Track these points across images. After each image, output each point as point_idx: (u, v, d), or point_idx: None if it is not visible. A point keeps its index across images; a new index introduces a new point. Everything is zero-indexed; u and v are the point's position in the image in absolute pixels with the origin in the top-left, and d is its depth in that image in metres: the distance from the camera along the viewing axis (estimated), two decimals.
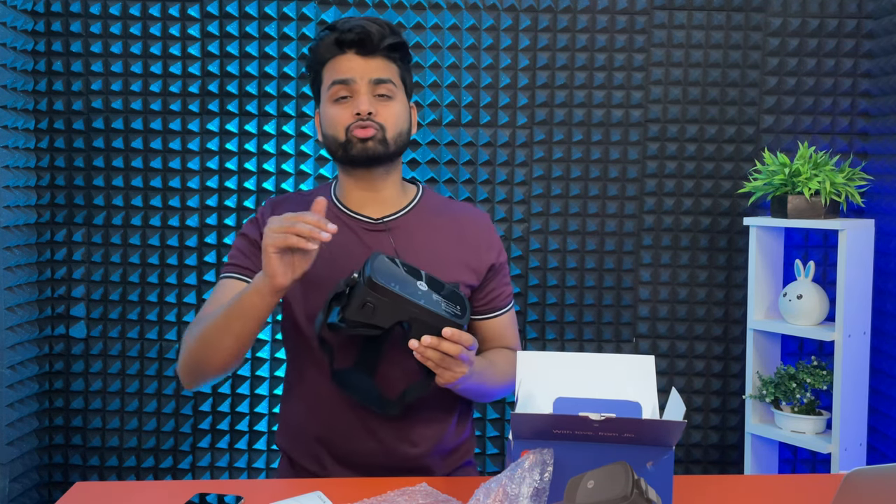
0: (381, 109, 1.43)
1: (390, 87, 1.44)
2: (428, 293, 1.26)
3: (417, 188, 1.56)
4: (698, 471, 2.46)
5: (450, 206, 1.57)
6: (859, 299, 2.15)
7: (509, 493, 0.98)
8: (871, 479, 0.85)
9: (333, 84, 1.43)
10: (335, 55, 1.44)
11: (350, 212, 1.49)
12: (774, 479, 1.71)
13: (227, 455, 2.43)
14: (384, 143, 1.43)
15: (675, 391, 1.12)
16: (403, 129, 1.46)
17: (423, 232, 1.48)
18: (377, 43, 1.43)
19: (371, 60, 1.43)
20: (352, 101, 1.42)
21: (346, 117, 1.42)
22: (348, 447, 1.45)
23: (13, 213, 2.23)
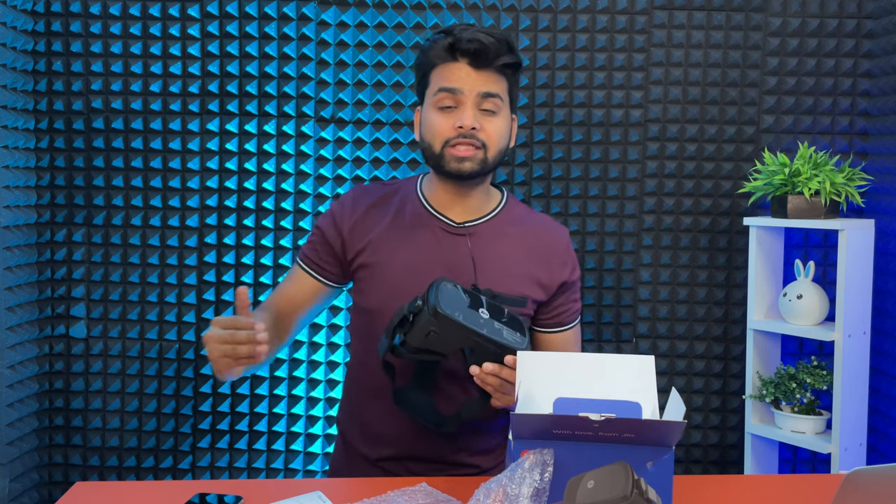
0: (486, 125, 1.41)
1: (497, 101, 1.42)
2: (490, 321, 1.27)
3: (502, 195, 1.57)
4: (698, 471, 2.46)
5: (530, 218, 1.57)
6: (859, 299, 2.15)
7: (509, 493, 0.98)
8: (871, 479, 0.85)
9: (440, 91, 1.41)
10: (447, 61, 1.42)
11: (434, 211, 1.50)
12: (774, 479, 1.71)
13: (227, 455, 2.43)
14: (483, 162, 1.42)
15: (675, 391, 1.12)
16: (503, 146, 1.46)
17: (500, 241, 1.49)
18: (492, 58, 1.40)
19: (482, 73, 1.41)
20: (456, 111, 1.41)
21: (447, 129, 1.41)
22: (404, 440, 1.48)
23: (13, 213, 2.23)
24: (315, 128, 2.38)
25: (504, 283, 1.43)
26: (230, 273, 2.39)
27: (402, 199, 1.53)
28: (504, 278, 1.44)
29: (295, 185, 2.39)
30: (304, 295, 1.57)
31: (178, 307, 2.40)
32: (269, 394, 2.42)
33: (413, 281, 1.41)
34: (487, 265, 1.45)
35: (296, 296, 1.58)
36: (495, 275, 1.43)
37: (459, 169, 1.42)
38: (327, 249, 1.54)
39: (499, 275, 1.43)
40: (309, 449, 2.43)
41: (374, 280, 1.47)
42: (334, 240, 1.53)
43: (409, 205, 1.52)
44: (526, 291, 1.47)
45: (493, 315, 1.29)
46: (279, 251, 2.39)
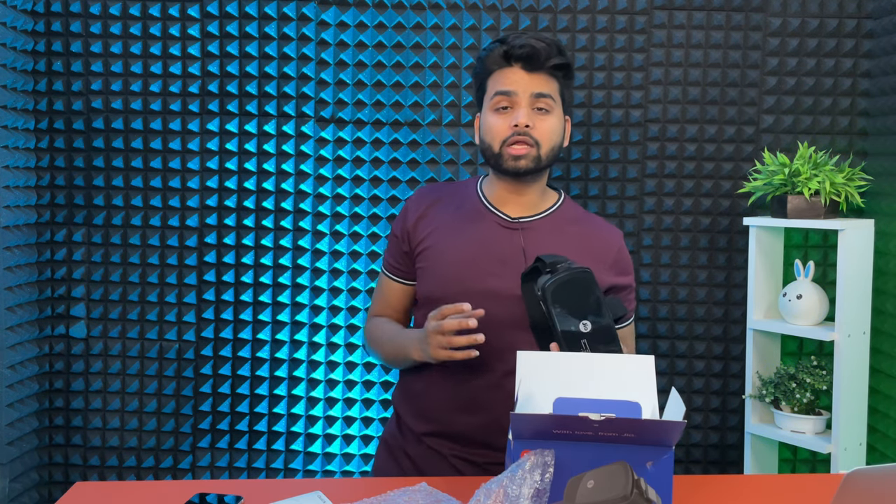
0: (539, 123, 1.53)
1: (549, 101, 1.54)
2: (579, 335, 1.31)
3: (559, 195, 1.67)
4: (698, 471, 2.46)
5: (585, 218, 1.67)
6: (859, 299, 2.15)
7: (510, 493, 0.98)
8: (871, 479, 0.85)
9: (496, 94, 1.53)
10: (502, 67, 1.55)
11: (490, 207, 1.61)
12: (774, 479, 1.71)
13: (227, 455, 2.43)
14: (537, 159, 1.53)
15: (675, 391, 1.12)
16: (556, 144, 1.57)
17: (553, 238, 1.58)
18: (543, 61, 1.52)
19: (535, 76, 1.53)
20: (511, 112, 1.53)
21: (503, 129, 1.52)
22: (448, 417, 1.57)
23: (13, 213, 2.23)
24: (315, 128, 2.38)
25: None
26: (230, 273, 2.39)
27: (463, 196, 1.65)
28: None
29: (295, 185, 2.39)
30: (400, 300, 1.72)
31: (178, 307, 2.40)
32: (269, 394, 2.42)
33: (465, 271, 1.54)
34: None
35: (394, 301, 1.73)
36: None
37: (516, 167, 1.53)
38: (400, 250, 1.68)
39: None
40: (309, 449, 2.43)
41: (429, 268, 1.59)
42: (403, 238, 1.66)
43: (468, 201, 1.64)
44: None
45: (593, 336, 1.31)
46: (279, 251, 2.39)
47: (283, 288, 2.40)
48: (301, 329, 2.41)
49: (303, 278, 2.40)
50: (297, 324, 2.41)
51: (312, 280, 2.40)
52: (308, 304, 2.40)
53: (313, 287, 2.40)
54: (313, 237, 2.40)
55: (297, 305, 2.41)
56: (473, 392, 1.56)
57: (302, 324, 2.41)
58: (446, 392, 1.57)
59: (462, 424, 1.57)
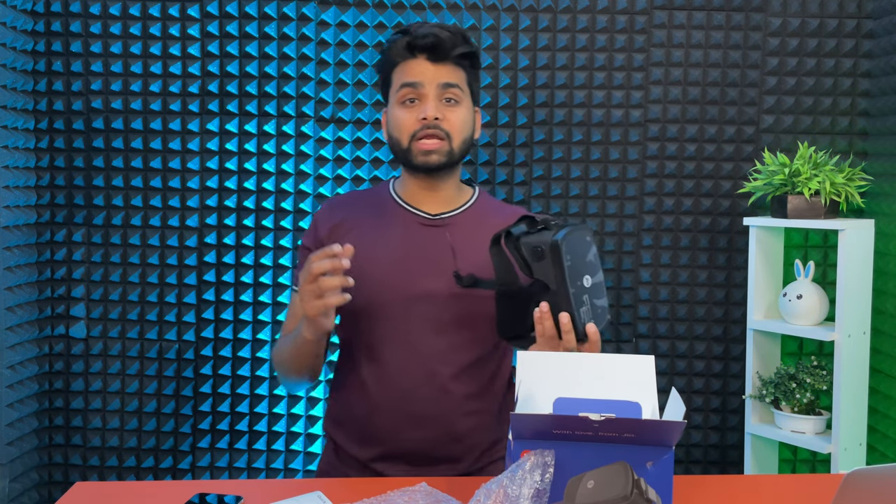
0: (448, 114, 1.46)
1: (457, 91, 1.48)
2: (583, 290, 1.29)
3: (473, 189, 1.61)
4: (698, 471, 2.46)
5: (504, 208, 1.61)
6: (859, 299, 2.15)
7: (510, 494, 0.98)
8: (871, 479, 0.85)
9: (402, 87, 1.47)
10: (406, 59, 1.48)
11: (408, 206, 1.53)
12: (774, 479, 1.71)
13: (227, 455, 2.43)
14: (449, 153, 1.47)
15: (675, 391, 1.12)
16: (468, 136, 1.50)
17: (479, 230, 1.50)
18: (448, 50, 1.46)
19: (441, 66, 1.46)
20: (419, 105, 1.46)
21: (411, 122, 1.46)
22: (392, 435, 1.48)
23: (13, 213, 2.23)
24: (315, 128, 2.38)
25: (485, 269, 1.44)
26: (230, 273, 2.39)
27: (377, 201, 1.57)
28: (486, 265, 1.44)
29: (295, 185, 2.39)
30: None
31: (178, 307, 2.40)
32: (269, 394, 2.42)
33: (395, 276, 1.46)
34: (467, 254, 1.48)
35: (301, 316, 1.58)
36: (476, 263, 1.45)
37: (427, 162, 1.46)
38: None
39: (480, 262, 1.45)
40: (309, 449, 2.43)
41: (356, 279, 1.45)
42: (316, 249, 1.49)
43: (383, 204, 1.55)
44: None
45: (592, 291, 1.30)
46: (279, 251, 2.39)
47: (283, 288, 2.40)
48: None
49: None
50: None
51: None
52: None
53: None
54: None
55: None
56: (421, 403, 1.46)
57: None
58: (391, 408, 1.47)
59: (413, 441, 1.47)
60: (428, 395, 1.46)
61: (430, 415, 1.47)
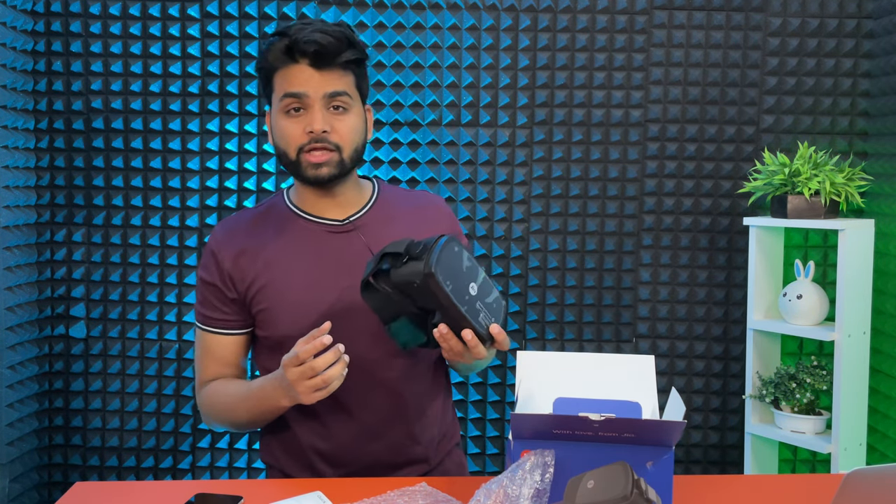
0: (337, 124, 1.36)
1: (345, 99, 1.37)
2: (473, 299, 1.24)
3: (373, 184, 1.53)
4: (698, 471, 2.46)
5: (408, 196, 1.55)
6: (859, 299, 2.15)
7: (510, 494, 0.98)
8: (871, 479, 0.85)
9: (285, 96, 1.35)
10: (287, 64, 1.35)
11: (311, 217, 1.44)
12: (774, 479, 1.71)
13: (227, 455, 2.43)
14: (340, 164, 1.37)
15: (675, 391, 1.12)
16: (359, 143, 1.40)
17: (389, 225, 1.45)
18: (333, 56, 1.34)
19: (326, 73, 1.35)
20: (304, 115, 1.35)
21: (298, 134, 1.35)
22: (350, 453, 1.42)
23: (13, 213, 2.23)
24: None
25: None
26: None
27: (276, 217, 1.46)
28: None
29: None
30: (236, 353, 1.46)
31: (178, 307, 2.40)
32: None
33: (319, 293, 1.38)
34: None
35: (230, 357, 1.46)
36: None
37: (317, 175, 1.37)
38: (222, 299, 1.42)
39: None
40: None
41: (274, 307, 1.40)
42: (225, 284, 1.42)
43: (284, 220, 1.45)
44: None
45: (481, 293, 1.26)
46: None
47: None
48: None
49: None
50: None
51: None
52: None
53: None
54: None
55: None
56: (376, 414, 1.40)
57: None
58: (344, 428, 1.40)
59: (373, 454, 1.42)
60: (381, 405, 1.41)
61: (386, 424, 1.42)
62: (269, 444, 1.49)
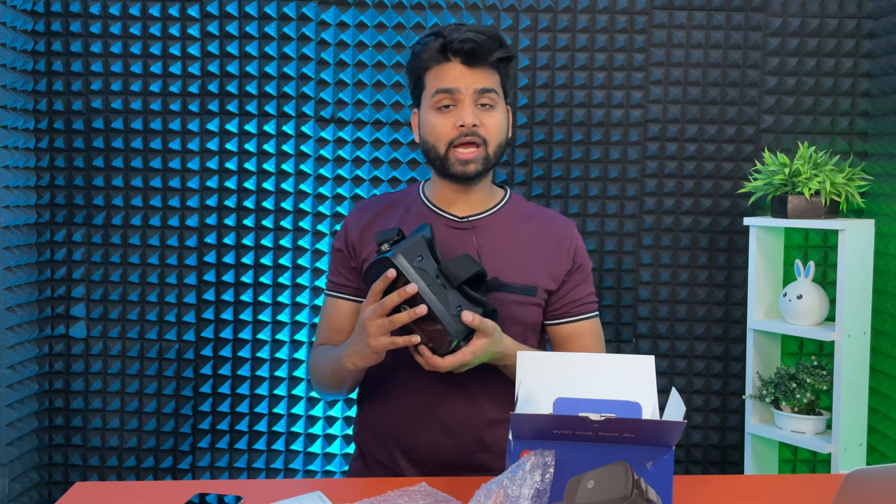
0: (485, 119, 1.44)
1: (493, 96, 1.45)
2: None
3: (506, 192, 1.60)
4: (698, 471, 2.46)
5: (536, 212, 1.59)
6: (859, 299, 2.15)
7: (510, 494, 0.98)
8: (871, 479, 0.85)
9: (437, 92, 1.43)
10: (440, 62, 1.45)
11: (437, 209, 1.53)
12: (774, 479, 1.71)
13: (227, 455, 2.43)
14: (486, 160, 1.45)
15: (675, 391, 1.12)
16: (503, 140, 1.48)
17: (506, 234, 1.50)
18: (486, 55, 1.43)
19: (477, 71, 1.43)
20: (455, 110, 1.43)
21: (448, 129, 1.43)
22: (424, 446, 1.48)
23: (13, 213, 2.23)
24: (315, 128, 2.38)
25: (512, 274, 1.45)
26: (230, 273, 2.39)
27: (407, 204, 1.56)
28: (511, 269, 1.45)
29: (295, 185, 2.39)
30: (352, 321, 1.56)
31: (178, 307, 2.40)
32: (269, 394, 2.42)
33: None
34: (494, 256, 1.47)
35: (345, 324, 1.57)
36: (502, 265, 1.45)
37: (465, 172, 1.44)
38: (346, 266, 1.56)
39: (506, 265, 1.45)
40: (309, 449, 2.43)
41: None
42: (349, 252, 1.55)
43: (413, 206, 1.55)
44: (535, 281, 1.48)
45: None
46: (279, 251, 2.39)
47: (283, 288, 2.40)
48: (301, 329, 2.41)
49: (303, 278, 2.40)
50: (297, 324, 2.41)
51: (312, 280, 2.40)
52: (308, 305, 2.40)
53: (313, 287, 2.40)
54: (313, 237, 2.40)
55: (296, 305, 2.41)
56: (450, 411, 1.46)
57: (302, 324, 2.41)
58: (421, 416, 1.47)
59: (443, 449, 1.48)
60: (456, 403, 1.46)
61: (458, 423, 1.47)
62: (358, 420, 1.59)
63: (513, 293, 1.40)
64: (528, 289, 1.44)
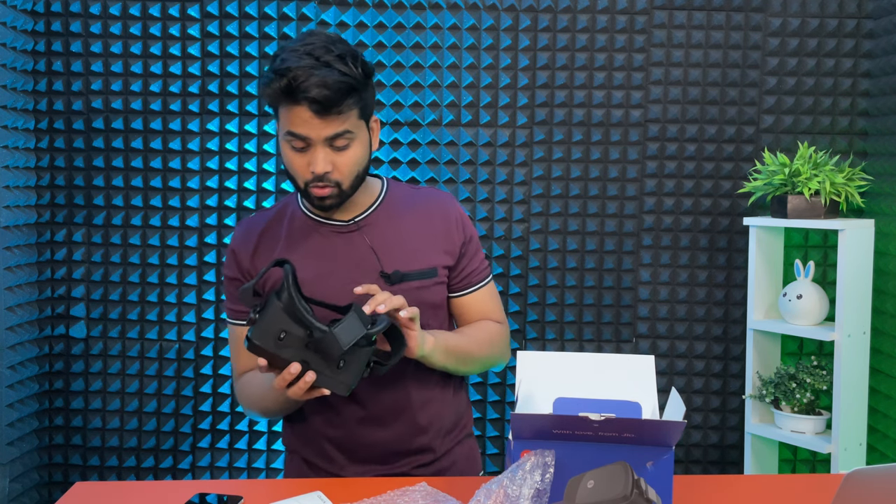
0: (339, 161, 1.39)
1: (348, 136, 1.39)
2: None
3: (382, 183, 1.56)
4: (698, 471, 2.46)
5: (415, 195, 1.57)
6: (859, 299, 2.15)
7: (510, 494, 0.98)
8: (871, 479, 0.85)
9: (288, 134, 1.38)
10: (288, 104, 1.36)
11: (320, 218, 1.50)
12: (774, 479, 1.70)
13: (227, 455, 2.43)
14: (341, 195, 1.42)
15: (675, 391, 1.12)
16: (362, 168, 1.44)
17: (393, 224, 1.50)
18: (333, 108, 1.35)
19: (327, 119, 1.36)
20: (308, 152, 1.38)
21: (303, 169, 1.40)
22: (357, 440, 1.48)
23: (13, 213, 2.23)
24: None
25: (411, 262, 1.47)
26: None
27: (290, 218, 1.53)
28: (409, 257, 1.47)
29: None
30: None
31: (178, 307, 2.40)
32: None
33: (323, 290, 1.42)
34: (389, 251, 1.48)
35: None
36: (400, 257, 1.47)
37: (322, 205, 1.43)
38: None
39: (403, 256, 1.47)
40: None
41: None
42: (245, 279, 1.51)
43: (296, 220, 1.52)
44: (432, 262, 1.50)
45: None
46: None
47: None
48: None
49: None
50: None
51: None
52: None
53: None
54: None
55: None
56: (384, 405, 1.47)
57: None
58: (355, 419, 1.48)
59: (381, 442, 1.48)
60: (386, 395, 1.47)
61: (391, 413, 1.48)
62: (288, 429, 1.58)
63: (415, 280, 1.43)
64: (428, 272, 1.47)
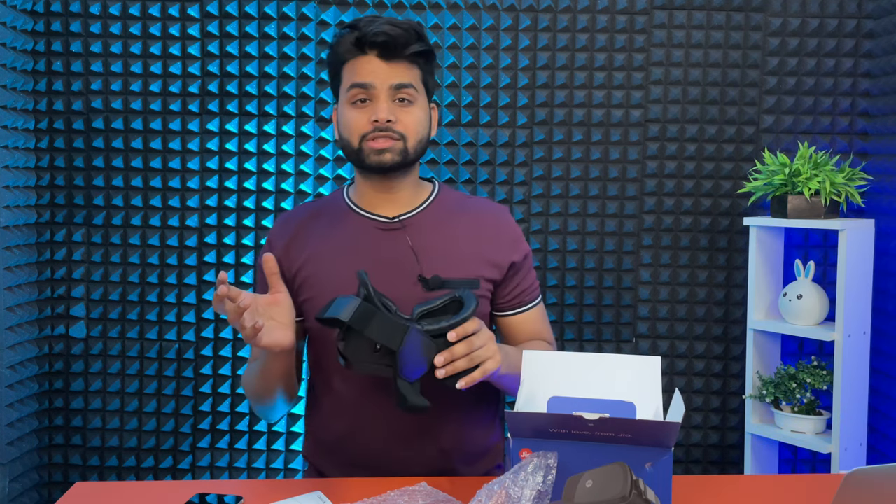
0: (402, 115, 1.38)
1: (411, 91, 1.39)
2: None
3: (433, 186, 1.52)
4: (698, 471, 2.46)
5: (466, 202, 1.52)
6: (859, 299, 2.15)
7: (511, 495, 0.98)
8: (871, 479, 0.85)
9: (353, 86, 1.38)
10: (356, 56, 1.38)
11: (364, 212, 1.46)
12: (774, 479, 1.70)
13: (227, 455, 2.43)
14: (404, 152, 1.38)
15: (679, 393, 1.12)
16: (423, 135, 1.42)
17: (439, 229, 1.45)
18: (401, 48, 1.37)
19: (393, 65, 1.37)
20: (371, 105, 1.37)
21: (362, 123, 1.37)
22: (381, 459, 1.42)
23: (13, 213, 2.23)
24: (315, 128, 2.38)
25: (452, 269, 1.39)
26: (230, 273, 2.39)
27: (332, 211, 1.49)
28: (451, 264, 1.40)
29: (295, 185, 2.39)
30: None
31: (178, 307, 2.40)
32: None
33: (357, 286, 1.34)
34: (430, 254, 1.41)
35: None
36: (441, 262, 1.40)
37: (380, 161, 1.38)
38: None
39: (444, 261, 1.40)
40: None
41: (315, 297, 1.41)
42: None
43: (338, 212, 1.48)
44: (476, 273, 1.43)
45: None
46: None
47: None
48: None
49: None
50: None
51: None
52: None
53: None
54: None
55: None
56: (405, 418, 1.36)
57: None
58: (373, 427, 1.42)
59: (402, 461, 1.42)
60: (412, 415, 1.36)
61: (417, 434, 1.41)
62: (309, 443, 1.54)
63: (455, 288, 1.32)
64: (471, 282, 1.36)
